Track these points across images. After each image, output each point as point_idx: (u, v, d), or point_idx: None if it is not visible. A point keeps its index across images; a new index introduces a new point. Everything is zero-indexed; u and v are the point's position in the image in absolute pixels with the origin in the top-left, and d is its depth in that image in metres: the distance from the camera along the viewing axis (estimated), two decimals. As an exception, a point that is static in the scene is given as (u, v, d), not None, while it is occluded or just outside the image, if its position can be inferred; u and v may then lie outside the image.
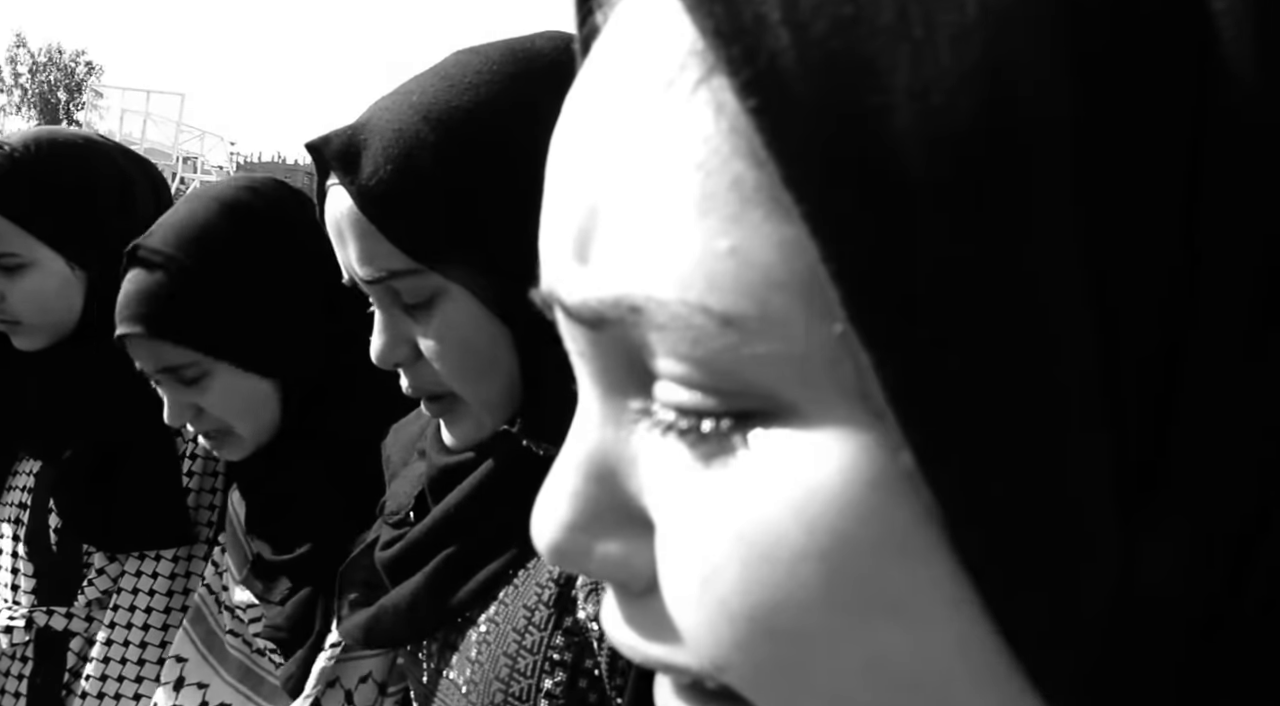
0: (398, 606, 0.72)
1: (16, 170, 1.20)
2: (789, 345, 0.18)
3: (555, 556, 0.24)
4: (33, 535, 1.27)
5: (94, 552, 1.25)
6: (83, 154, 1.26)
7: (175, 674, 1.10)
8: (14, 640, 1.23)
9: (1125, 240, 0.17)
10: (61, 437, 1.26)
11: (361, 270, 0.66)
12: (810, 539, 0.19)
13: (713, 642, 0.21)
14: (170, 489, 1.23)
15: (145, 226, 1.24)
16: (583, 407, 0.24)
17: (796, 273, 0.18)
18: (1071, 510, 0.17)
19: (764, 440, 0.19)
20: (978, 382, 0.17)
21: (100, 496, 1.22)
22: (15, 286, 1.21)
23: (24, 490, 1.30)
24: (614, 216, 0.20)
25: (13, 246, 1.20)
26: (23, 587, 1.27)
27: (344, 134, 0.66)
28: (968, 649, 0.19)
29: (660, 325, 0.19)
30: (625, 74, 0.20)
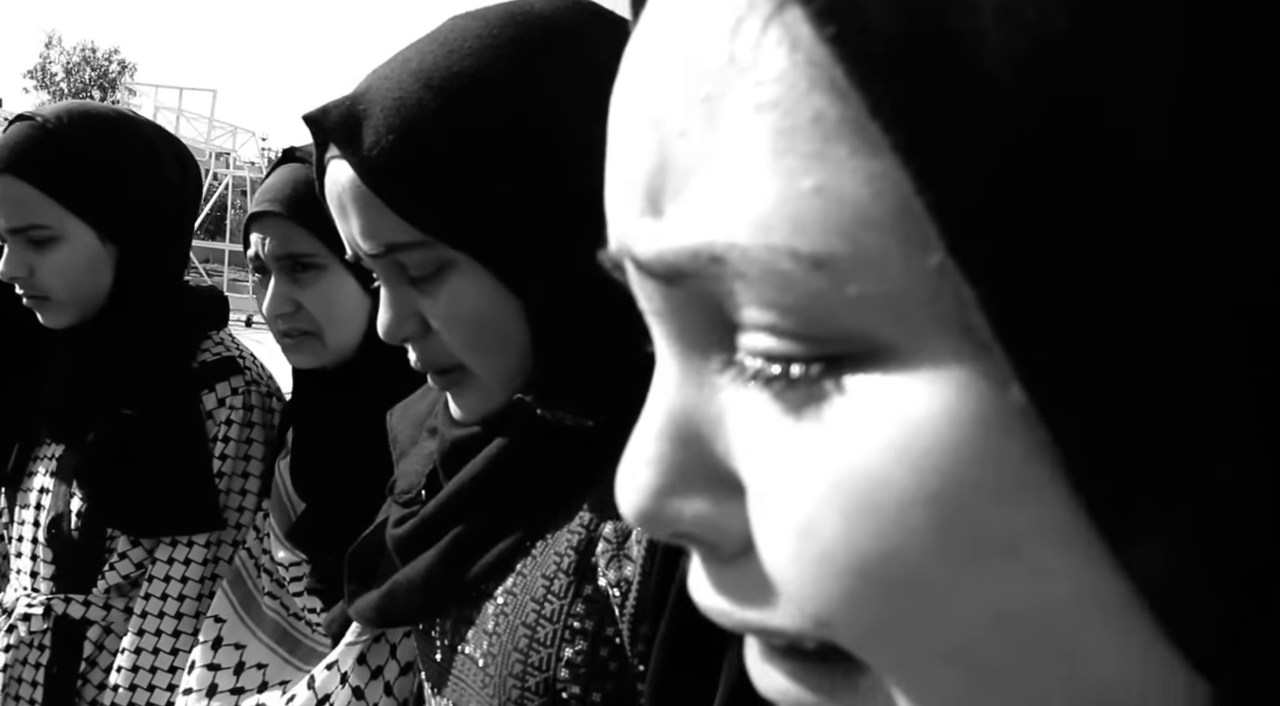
0: (411, 583, 0.71)
1: (49, 141, 1.18)
2: (884, 283, 0.17)
3: (644, 521, 0.23)
4: (53, 520, 1.25)
5: (115, 537, 1.23)
6: (115, 127, 1.24)
7: (214, 633, 1.10)
8: (32, 628, 1.22)
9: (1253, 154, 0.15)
10: (86, 418, 1.24)
11: (365, 244, 0.64)
12: (918, 482, 0.18)
13: (817, 599, 0.20)
14: (201, 473, 1.21)
15: (173, 201, 1.28)
16: (661, 369, 0.23)
17: (889, 207, 0.17)
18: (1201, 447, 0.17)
19: (859, 384, 0.19)
20: (1094, 310, 0.16)
21: (127, 479, 1.21)
22: (45, 260, 1.19)
23: (45, 474, 1.27)
24: (687, 166, 0.20)
25: (43, 218, 1.18)
26: (41, 574, 1.25)
27: (343, 104, 0.64)
28: (1095, 596, 0.18)
29: (743, 273, 0.19)
30: (688, 20, 0.20)
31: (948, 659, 0.19)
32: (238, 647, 1.09)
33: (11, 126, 1.21)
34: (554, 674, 0.61)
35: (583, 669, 0.60)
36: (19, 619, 1.22)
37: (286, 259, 1.04)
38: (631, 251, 0.21)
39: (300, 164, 1.05)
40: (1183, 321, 0.16)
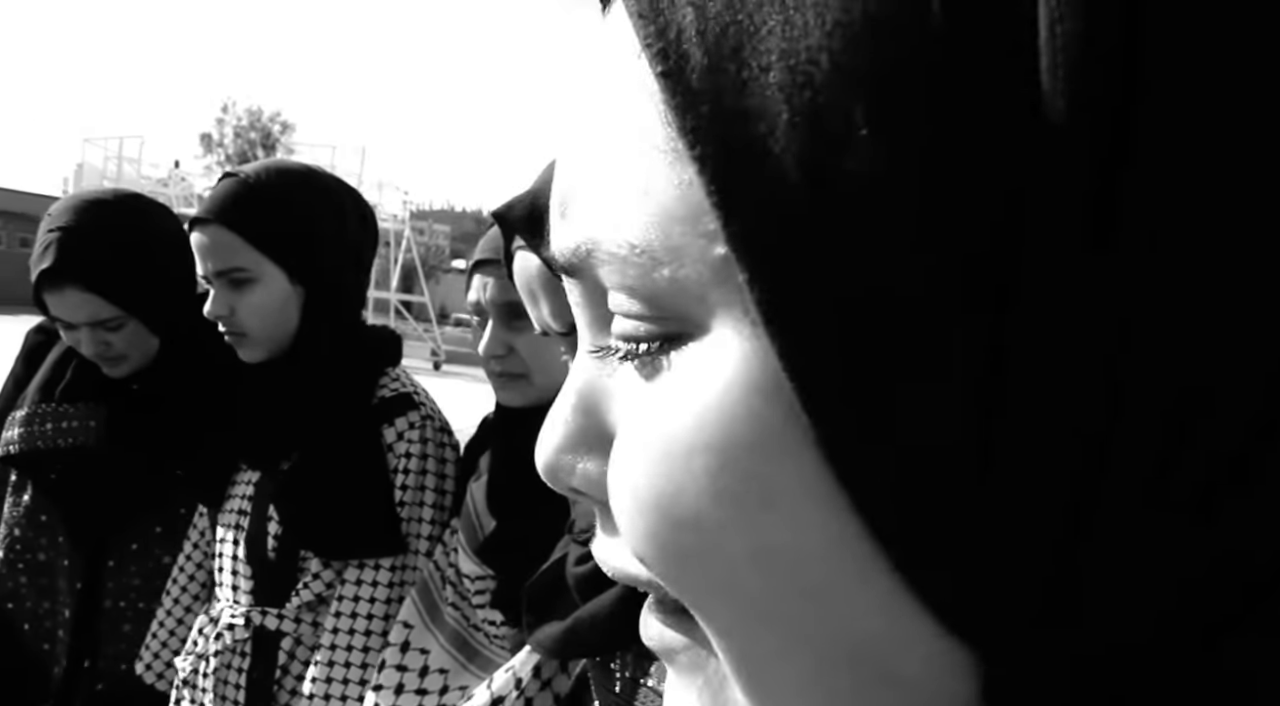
0: (595, 617, 0.73)
1: (250, 194, 1.32)
2: (686, 269, 0.21)
3: (548, 474, 0.28)
4: (252, 540, 1.35)
5: (309, 558, 1.33)
6: (306, 181, 1.37)
7: (402, 637, 1.18)
8: (235, 637, 1.33)
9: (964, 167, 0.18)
10: (278, 447, 1.35)
11: (556, 323, 0.69)
12: (699, 435, 0.21)
13: (632, 535, 0.24)
14: (384, 501, 1.31)
15: (353, 247, 1.40)
16: (578, 351, 0.28)
17: (690, 206, 0.21)
18: (928, 414, 0.19)
19: (678, 356, 0.23)
20: (834, 294, 0.19)
21: (318, 506, 1.31)
22: (243, 300, 1.31)
23: (243, 498, 1.38)
24: (579, 179, 0.25)
25: (243, 262, 1.31)
26: (242, 588, 1.36)
27: (525, 200, 0.68)
28: (841, 547, 0.21)
29: (603, 261, 0.23)
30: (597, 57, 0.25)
31: (723, 592, 0.22)
32: (422, 652, 1.16)
33: (220, 182, 1.35)
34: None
35: None
36: (225, 628, 1.34)
37: (505, 306, 1.09)
38: (548, 250, 0.27)
39: None
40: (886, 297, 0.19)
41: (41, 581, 1.58)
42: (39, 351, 1.64)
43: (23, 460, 1.55)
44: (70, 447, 1.53)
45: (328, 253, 1.36)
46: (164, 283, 1.54)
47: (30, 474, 1.57)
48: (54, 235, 1.45)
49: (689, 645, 0.26)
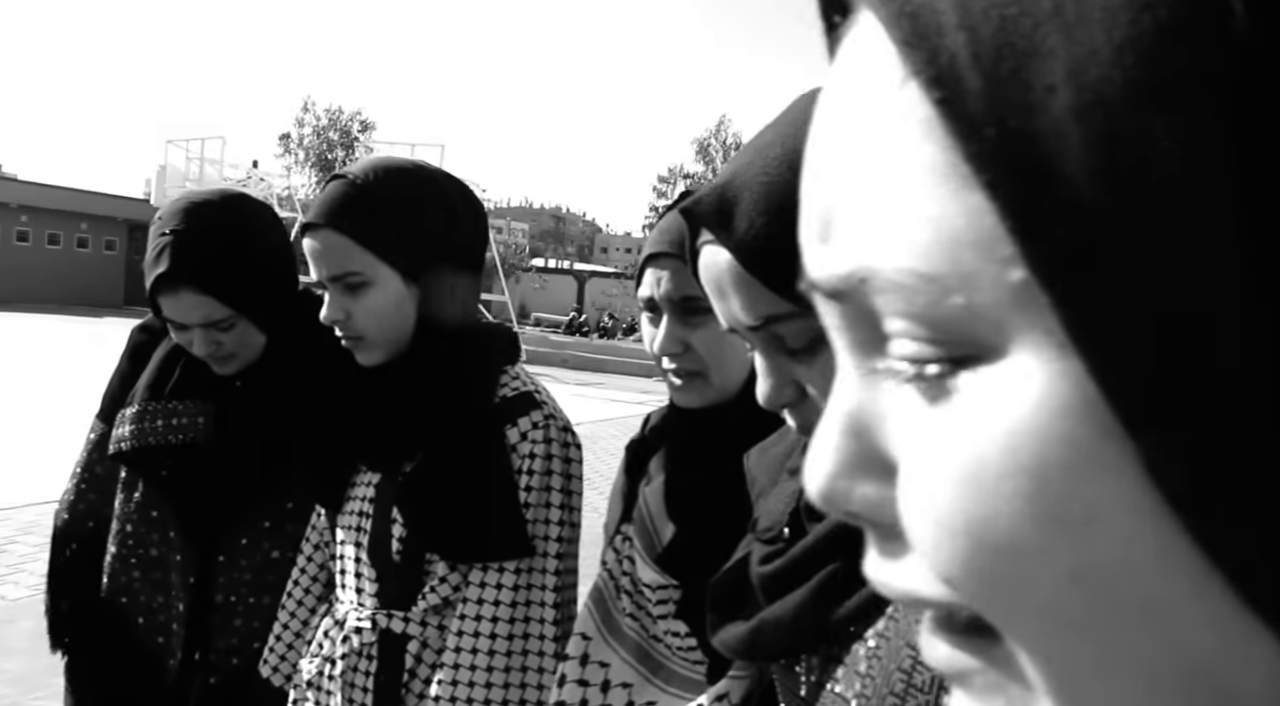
0: (780, 620, 0.73)
1: (360, 195, 1.28)
2: (980, 295, 0.21)
3: (822, 500, 0.27)
4: (375, 543, 1.33)
5: (434, 561, 1.30)
6: (415, 179, 1.33)
7: (580, 649, 1.15)
8: (362, 640, 1.32)
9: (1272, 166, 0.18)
10: (399, 449, 1.32)
11: (745, 318, 0.68)
12: (1010, 459, 0.21)
13: (939, 560, 0.23)
14: (510, 503, 1.27)
15: (466, 244, 1.36)
16: (840, 374, 0.27)
17: (981, 232, 0.21)
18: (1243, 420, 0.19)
19: (971, 380, 0.22)
20: (1148, 313, 0.19)
21: (443, 509, 1.28)
22: (359, 304, 1.29)
23: (364, 500, 1.36)
24: (845, 204, 0.24)
25: (357, 265, 1.28)
26: (366, 591, 1.34)
27: (714, 194, 0.68)
28: (1173, 560, 0.20)
29: (881, 289, 0.23)
30: (849, 86, 0.25)
31: (1042, 614, 0.22)
32: (602, 666, 1.14)
33: (328, 185, 1.32)
34: None
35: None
36: (352, 631, 1.32)
37: (681, 301, 1.07)
38: (809, 276, 0.27)
39: None
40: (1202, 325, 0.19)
41: (154, 576, 1.60)
42: (144, 349, 1.67)
43: (134, 457, 1.56)
44: (180, 444, 1.54)
45: (442, 252, 1.33)
46: (271, 281, 1.55)
47: (141, 470, 1.58)
48: (167, 239, 1.46)
49: (986, 668, 0.26)
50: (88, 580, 1.64)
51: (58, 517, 1.72)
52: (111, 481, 1.65)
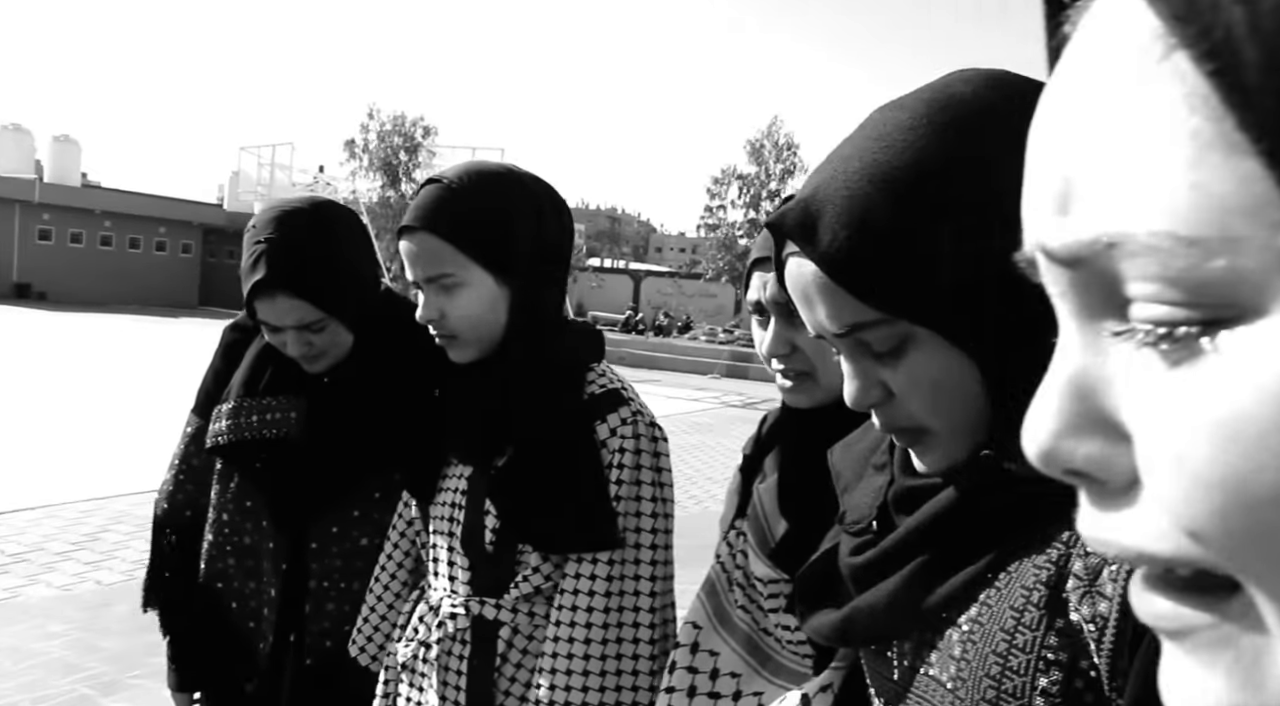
0: (874, 607, 0.75)
1: (453, 199, 1.33)
2: (1245, 258, 0.22)
3: (1042, 460, 0.29)
4: (469, 534, 1.38)
5: (526, 551, 1.35)
6: (506, 183, 1.37)
7: (691, 638, 1.18)
8: (457, 625, 1.37)
9: None
10: (492, 445, 1.37)
11: (831, 326, 0.71)
12: (1274, 414, 0.22)
13: (1190, 514, 0.24)
14: (600, 497, 1.31)
15: (553, 245, 1.39)
16: (1063, 340, 0.29)
17: (1253, 198, 0.22)
18: None
19: (1229, 339, 0.23)
20: None
21: (535, 501, 1.32)
22: (452, 303, 1.33)
23: (456, 492, 1.41)
24: (1088, 176, 0.25)
25: (451, 267, 1.32)
26: (459, 579, 1.39)
27: (797, 208, 0.71)
28: None
29: (1132, 253, 0.24)
30: (1095, 63, 0.25)
31: None
32: (712, 654, 1.16)
33: (422, 189, 1.38)
34: (1029, 700, 0.64)
35: (1058, 698, 0.62)
36: (447, 617, 1.38)
37: (788, 304, 1.08)
38: (1043, 244, 0.28)
39: None
40: None
41: (248, 563, 1.68)
42: (236, 348, 1.75)
43: (230, 450, 1.64)
44: (274, 438, 1.62)
45: (531, 252, 1.36)
46: (358, 284, 1.62)
47: (237, 463, 1.66)
48: (262, 247, 1.53)
49: (1214, 622, 0.26)
50: (186, 566, 1.74)
51: (157, 507, 1.82)
52: (207, 473, 1.74)
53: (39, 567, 5.02)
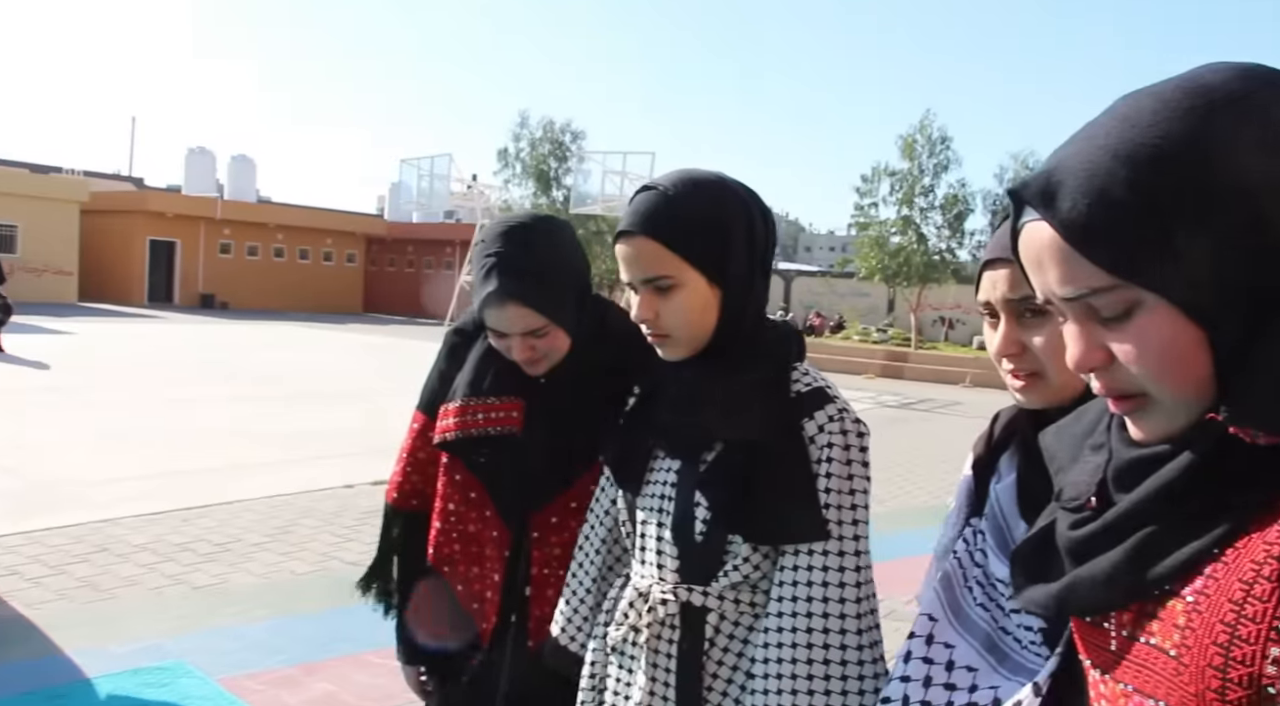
0: (1094, 578, 0.77)
1: (669, 205, 1.40)
2: None
3: None
4: (679, 524, 1.44)
5: (735, 541, 1.40)
6: (718, 190, 1.44)
7: (926, 629, 1.21)
8: (667, 611, 1.44)
9: None
10: (701, 439, 1.44)
11: (1062, 290, 0.74)
12: None
13: None
14: (807, 490, 1.36)
15: (760, 248, 1.45)
16: None
17: None
18: None
19: None
20: None
21: (745, 493, 1.38)
22: (667, 304, 1.41)
23: (665, 484, 1.48)
24: None
25: (668, 270, 1.40)
26: (668, 567, 1.46)
27: (1040, 177, 0.75)
28: None
29: None
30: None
31: None
32: (948, 646, 1.18)
33: (637, 196, 1.45)
34: (1259, 669, 0.65)
35: None
36: (657, 602, 1.45)
37: (1018, 302, 1.12)
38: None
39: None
40: None
41: (472, 549, 1.82)
42: (458, 350, 1.89)
43: (457, 445, 1.78)
44: (497, 435, 1.75)
45: (741, 256, 1.42)
46: (576, 292, 1.73)
47: (463, 457, 1.80)
48: (492, 260, 1.67)
49: None
50: (414, 550, 1.90)
51: (387, 496, 1.98)
52: (432, 465, 1.88)
53: (239, 557, 5.42)
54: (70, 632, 4.17)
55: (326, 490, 7.18)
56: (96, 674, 3.77)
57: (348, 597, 4.88)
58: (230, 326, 25.69)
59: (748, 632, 1.43)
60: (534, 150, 30.89)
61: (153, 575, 5.02)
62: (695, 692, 1.43)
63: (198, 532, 5.85)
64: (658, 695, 1.46)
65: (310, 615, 4.54)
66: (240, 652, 4.07)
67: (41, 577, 4.88)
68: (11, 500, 6.31)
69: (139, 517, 6.09)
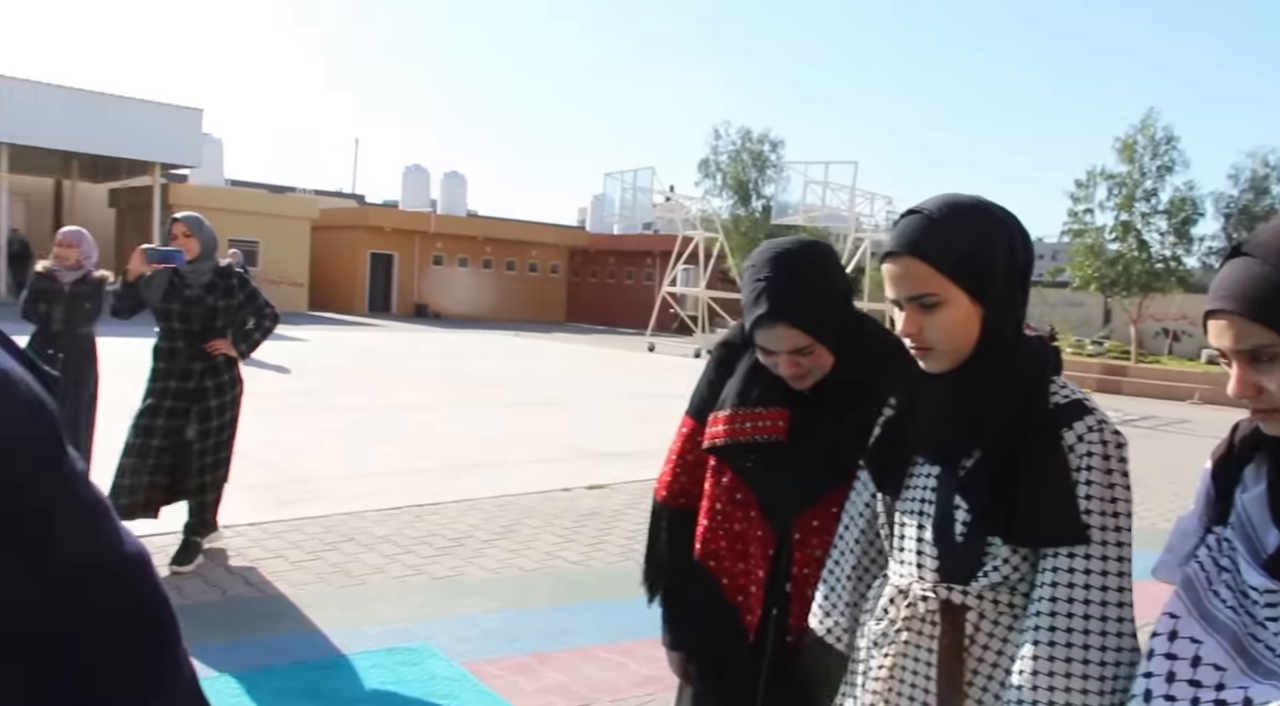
0: None
1: (935, 228, 1.50)
2: None
3: None
4: (939, 526, 1.52)
5: (994, 543, 1.47)
6: (979, 212, 1.53)
7: (1168, 627, 1.25)
8: (927, 607, 1.52)
9: None
10: (961, 446, 1.52)
11: None
12: None
13: None
14: (1067, 495, 1.42)
15: (1022, 269, 1.53)
16: None
17: None
18: None
19: None
20: None
21: (1006, 498, 1.45)
22: (931, 320, 1.51)
23: (925, 489, 1.57)
24: None
25: (934, 288, 1.50)
26: (927, 566, 1.54)
27: None
28: None
29: None
30: None
31: None
32: (1194, 641, 1.21)
33: (903, 219, 1.56)
34: None
35: None
36: (917, 599, 1.54)
37: (1248, 351, 1.18)
38: None
39: (1248, 258, 1.19)
40: None
41: (737, 546, 1.96)
42: (726, 363, 2.05)
43: (725, 451, 1.94)
44: (764, 442, 1.90)
45: (1002, 275, 1.51)
46: (840, 312, 1.87)
47: (730, 461, 1.95)
48: (762, 284, 1.82)
49: None
50: (681, 545, 2.06)
51: (657, 494, 2.16)
52: (699, 467, 2.05)
53: (471, 552, 5.79)
54: (328, 612, 4.59)
55: (545, 492, 7.54)
56: (354, 650, 4.14)
57: (573, 595, 5.20)
58: (443, 334, 27.13)
59: (1007, 632, 1.49)
60: (733, 161, 31.08)
61: (395, 565, 5.44)
62: (956, 687, 1.50)
63: (431, 527, 6.28)
64: (919, 687, 1.53)
65: (539, 609, 4.82)
66: (479, 640, 4.37)
67: (301, 561, 5.39)
68: (272, 491, 6.96)
69: (378, 511, 6.59)
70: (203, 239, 5.00)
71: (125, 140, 26.35)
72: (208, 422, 5.05)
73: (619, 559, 5.76)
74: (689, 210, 29.69)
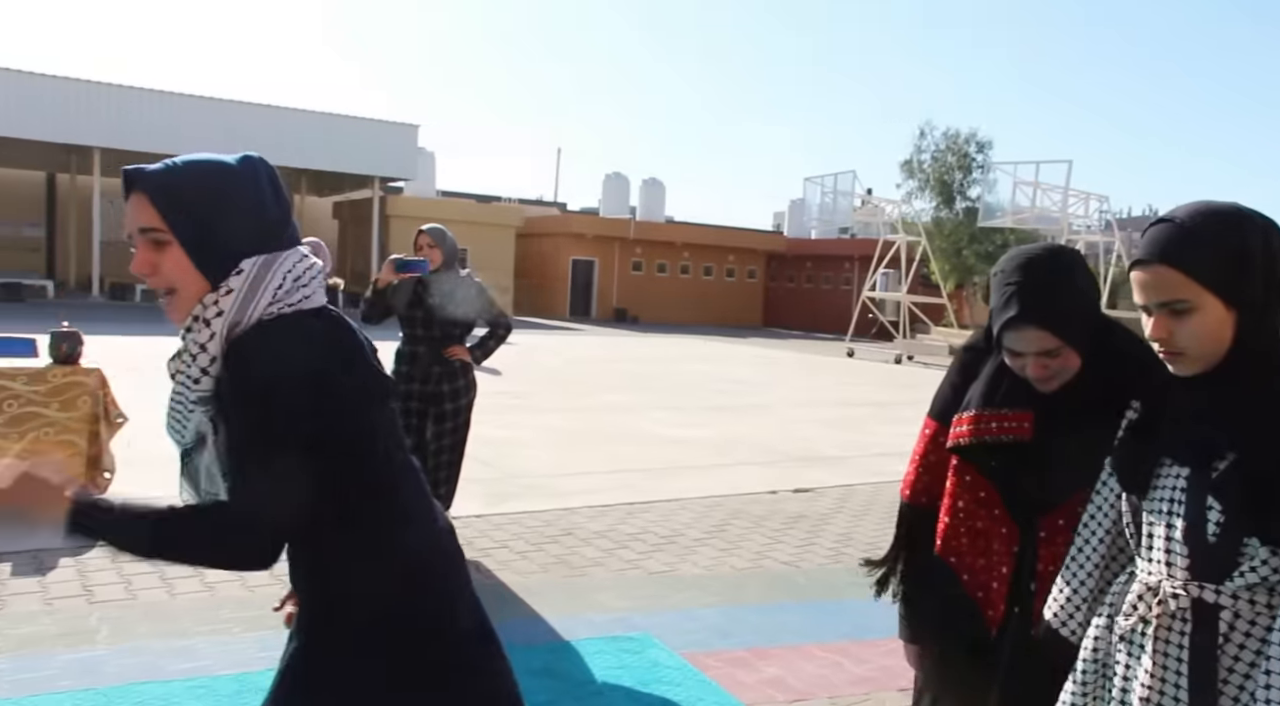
0: None
1: (1186, 235, 1.52)
2: None
3: None
4: (1191, 526, 1.53)
5: (1250, 543, 1.48)
6: (1234, 219, 1.53)
7: None
8: (1179, 605, 1.53)
9: None
10: (1214, 449, 1.52)
11: None
12: None
13: None
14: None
15: (1276, 276, 1.52)
16: None
17: None
18: None
19: None
20: None
21: (1262, 497, 1.45)
22: (1181, 326, 1.53)
23: (1174, 489, 1.58)
24: None
25: (1185, 294, 1.52)
26: (1178, 565, 1.55)
27: None
28: None
29: None
30: None
31: None
32: None
33: (1152, 227, 1.58)
34: None
35: None
36: (1168, 597, 1.56)
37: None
38: None
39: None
40: None
41: (979, 543, 2.02)
42: (970, 366, 2.11)
43: (970, 450, 2.01)
44: (1009, 443, 1.96)
45: (1257, 281, 1.51)
46: (1089, 316, 1.92)
47: (975, 461, 2.02)
48: (1012, 288, 1.89)
49: None
50: (923, 541, 2.14)
51: (901, 493, 2.26)
52: (941, 467, 2.12)
53: (684, 549, 5.97)
54: (552, 601, 4.86)
55: (752, 494, 7.66)
56: (579, 637, 4.38)
57: (785, 594, 5.31)
58: (643, 338, 27.70)
59: (1266, 633, 1.48)
60: (936, 162, 30.28)
61: (612, 559, 5.68)
62: (1209, 686, 1.50)
63: (643, 524, 6.51)
64: (1169, 683, 1.55)
65: (753, 606, 4.93)
66: (696, 633, 4.53)
67: (525, 552, 5.72)
68: (491, 486, 7.39)
69: (592, 508, 6.89)
70: (445, 249, 5.39)
71: (350, 156, 28.34)
72: (443, 424, 5.39)
73: (828, 561, 5.77)
74: (888, 213, 29.14)
